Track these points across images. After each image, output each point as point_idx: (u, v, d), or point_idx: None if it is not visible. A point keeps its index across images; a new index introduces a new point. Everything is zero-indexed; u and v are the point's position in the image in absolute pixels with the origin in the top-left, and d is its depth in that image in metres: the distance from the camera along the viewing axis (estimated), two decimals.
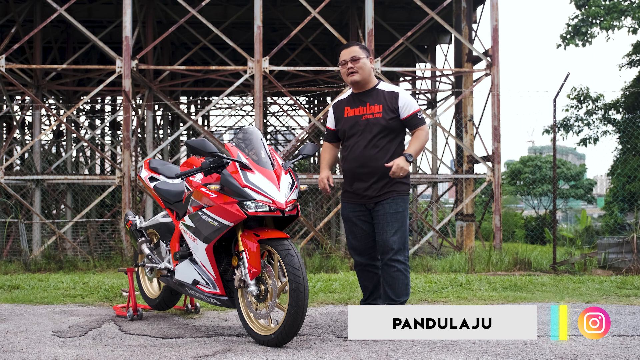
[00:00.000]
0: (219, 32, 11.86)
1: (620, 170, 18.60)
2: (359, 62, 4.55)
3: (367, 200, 4.53)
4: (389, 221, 4.44)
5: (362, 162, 4.50)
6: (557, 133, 9.77)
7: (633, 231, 8.87)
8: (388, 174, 4.43)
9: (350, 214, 4.62)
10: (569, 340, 4.12)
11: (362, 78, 4.57)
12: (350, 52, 4.59)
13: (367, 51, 4.65)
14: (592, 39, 19.00)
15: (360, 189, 4.53)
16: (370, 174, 4.48)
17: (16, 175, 13.52)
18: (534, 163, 36.52)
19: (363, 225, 4.58)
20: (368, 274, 4.66)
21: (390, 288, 4.43)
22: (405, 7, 16.25)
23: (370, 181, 4.49)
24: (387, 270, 4.45)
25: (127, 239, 10.28)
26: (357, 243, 4.62)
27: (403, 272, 4.43)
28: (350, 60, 4.57)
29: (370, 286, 4.67)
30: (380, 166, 4.45)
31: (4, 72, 11.51)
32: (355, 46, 4.62)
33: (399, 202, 4.47)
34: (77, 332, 4.45)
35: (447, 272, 8.40)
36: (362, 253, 4.62)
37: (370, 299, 4.70)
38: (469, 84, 13.43)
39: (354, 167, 4.54)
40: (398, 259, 4.42)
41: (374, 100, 4.55)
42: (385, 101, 4.52)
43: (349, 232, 4.66)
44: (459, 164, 14.06)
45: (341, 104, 4.71)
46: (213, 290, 4.27)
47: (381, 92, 4.57)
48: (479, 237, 13.53)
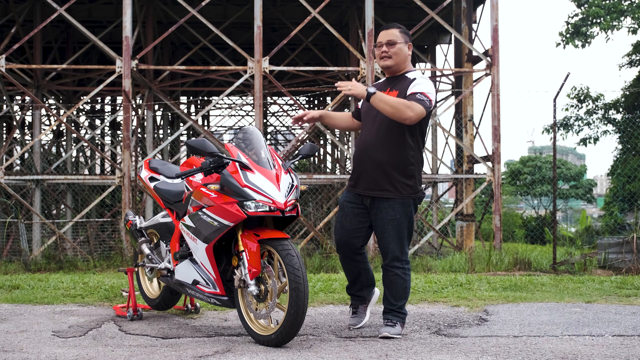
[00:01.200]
0: (219, 32, 11.86)
1: (620, 170, 18.60)
2: (394, 46, 4.28)
3: (363, 191, 4.34)
4: (386, 228, 4.29)
5: (364, 149, 4.32)
6: (557, 133, 9.77)
7: (633, 231, 8.87)
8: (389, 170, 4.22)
9: (346, 202, 4.46)
10: (569, 340, 4.12)
11: (395, 63, 4.31)
12: (387, 35, 4.31)
13: (407, 36, 4.35)
14: (592, 40, 19.01)
15: (360, 179, 4.36)
16: (371, 163, 4.28)
17: (16, 175, 13.52)
18: (534, 163, 36.49)
19: (353, 218, 4.41)
20: (349, 265, 4.53)
21: (389, 291, 4.36)
22: (405, 7, 16.24)
23: (370, 171, 4.28)
24: (385, 274, 4.39)
25: (127, 239, 10.28)
26: (341, 230, 4.46)
27: (401, 276, 4.32)
28: (385, 44, 4.29)
29: (352, 277, 4.56)
30: (381, 157, 4.22)
31: (4, 72, 11.52)
32: (395, 29, 4.33)
33: (396, 207, 4.25)
34: (77, 332, 4.44)
35: (447, 272, 8.41)
36: (342, 245, 4.47)
37: (353, 289, 4.60)
38: (469, 84, 13.43)
39: (358, 154, 4.38)
40: (395, 265, 4.31)
41: (396, 87, 4.29)
42: (403, 88, 4.24)
43: (338, 221, 4.50)
44: (459, 164, 14.06)
45: (375, 86, 4.45)
46: (213, 290, 4.26)
47: (406, 80, 4.28)
48: (479, 237, 13.54)
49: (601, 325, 4.60)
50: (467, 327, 4.58)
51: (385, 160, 4.25)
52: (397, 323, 4.29)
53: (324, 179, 14.05)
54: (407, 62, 4.38)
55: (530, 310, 5.20)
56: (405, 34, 4.37)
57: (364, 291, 4.61)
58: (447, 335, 4.29)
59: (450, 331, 4.43)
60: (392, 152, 4.24)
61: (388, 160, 4.24)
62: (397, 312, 4.33)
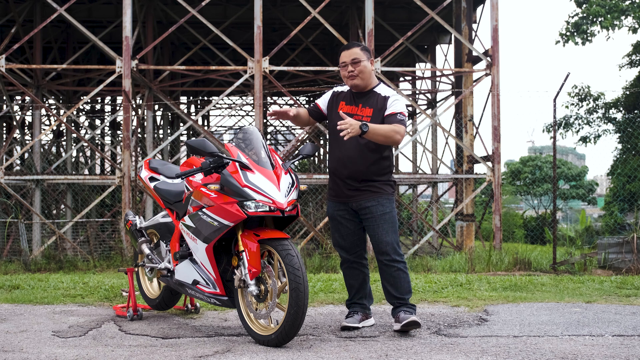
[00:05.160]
0: (219, 32, 11.86)
1: (620, 170, 18.60)
2: (359, 65, 4.46)
3: (349, 200, 4.50)
4: (379, 223, 4.42)
5: (343, 162, 4.47)
6: (557, 132, 9.77)
7: (633, 231, 8.87)
8: (369, 176, 4.43)
9: (335, 212, 4.59)
10: (569, 340, 4.12)
11: (362, 82, 4.50)
12: (350, 55, 4.49)
13: (368, 52, 4.54)
14: (592, 38, 18.99)
15: (342, 189, 4.51)
16: (351, 175, 4.45)
17: (16, 175, 13.52)
18: (534, 163, 36.52)
19: (348, 224, 4.55)
20: (354, 271, 4.64)
21: (393, 287, 4.45)
22: (405, 7, 16.25)
23: (351, 182, 4.46)
24: (387, 271, 4.45)
25: (127, 239, 10.28)
26: (343, 241, 4.60)
27: (403, 270, 4.44)
28: (350, 63, 4.48)
29: (356, 285, 4.65)
30: (362, 169, 4.42)
31: (4, 72, 11.51)
32: (356, 47, 4.52)
33: (384, 203, 4.44)
34: (77, 332, 4.44)
35: (447, 272, 8.41)
36: (349, 250, 4.61)
37: (355, 298, 4.67)
38: (469, 84, 13.43)
39: (336, 167, 4.52)
40: (395, 259, 4.42)
41: (367, 103, 4.48)
42: (377, 105, 4.45)
43: (335, 230, 4.63)
44: (459, 164, 14.06)
45: (340, 95, 4.62)
46: (213, 290, 4.27)
47: (377, 96, 4.49)
48: (479, 237, 13.54)
49: (601, 325, 4.60)
50: (467, 327, 4.58)
51: (365, 171, 4.45)
52: (413, 312, 4.44)
53: (324, 179, 14.05)
54: (372, 78, 4.58)
55: (530, 310, 5.20)
56: (366, 51, 4.57)
57: (366, 300, 4.67)
58: (447, 335, 4.29)
59: (450, 331, 4.43)
60: (371, 165, 4.45)
61: (368, 171, 4.46)
62: (408, 305, 4.47)
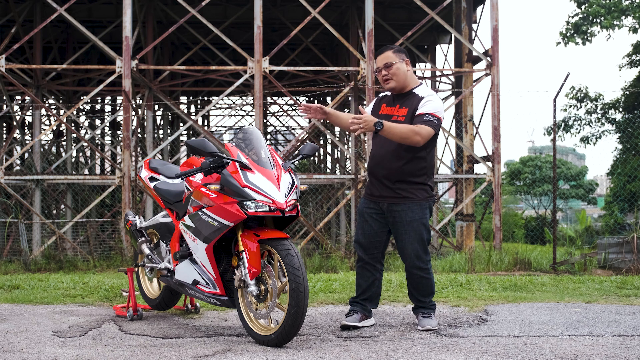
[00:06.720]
0: (219, 32, 11.87)
1: (620, 170, 18.60)
2: (392, 68, 4.48)
3: (381, 199, 4.53)
4: (406, 230, 4.47)
5: (378, 161, 4.52)
6: (556, 134, 9.77)
7: (633, 231, 8.87)
8: (404, 177, 4.43)
9: (364, 208, 4.64)
10: (569, 340, 4.12)
11: (398, 84, 4.51)
12: (383, 59, 4.51)
13: (401, 53, 4.54)
14: (593, 38, 18.99)
15: (376, 188, 4.55)
16: (386, 175, 4.48)
17: (16, 175, 13.52)
18: (534, 163, 36.50)
19: (373, 223, 4.58)
20: (366, 272, 4.66)
21: (416, 291, 4.60)
22: (405, 7, 16.25)
23: (386, 182, 4.48)
24: (410, 277, 4.59)
25: (127, 239, 10.28)
26: (363, 239, 4.63)
27: (425, 277, 4.54)
28: (383, 68, 4.50)
29: (364, 285, 4.65)
30: (396, 168, 4.43)
31: (4, 72, 11.52)
32: (388, 51, 4.52)
33: (415, 209, 4.44)
34: (77, 332, 4.44)
35: (447, 272, 8.41)
36: (367, 250, 4.63)
37: (360, 297, 4.67)
38: (469, 84, 13.43)
39: (373, 166, 4.57)
40: (419, 266, 4.51)
41: (404, 104, 4.50)
42: (412, 105, 4.45)
43: (359, 227, 4.69)
44: (459, 164, 14.06)
45: (384, 99, 4.70)
46: (213, 290, 4.26)
47: (414, 97, 4.49)
48: (479, 237, 13.54)
49: (601, 325, 4.60)
50: (467, 327, 4.58)
51: (399, 170, 4.45)
52: (431, 314, 4.58)
53: (324, 179, 14.05)
54: (409, 79, 4.58)
55: (530, 310, 5.20)
56: (400, 52, 4.55)
57: (369, 303, 4.67)
58: (447, 335, 4.29)
59: (450, 331, 4.43)
60: (405, 164, 4.44)
61: (402, 170, 4.46)
62: (427, 307, 4.61)
